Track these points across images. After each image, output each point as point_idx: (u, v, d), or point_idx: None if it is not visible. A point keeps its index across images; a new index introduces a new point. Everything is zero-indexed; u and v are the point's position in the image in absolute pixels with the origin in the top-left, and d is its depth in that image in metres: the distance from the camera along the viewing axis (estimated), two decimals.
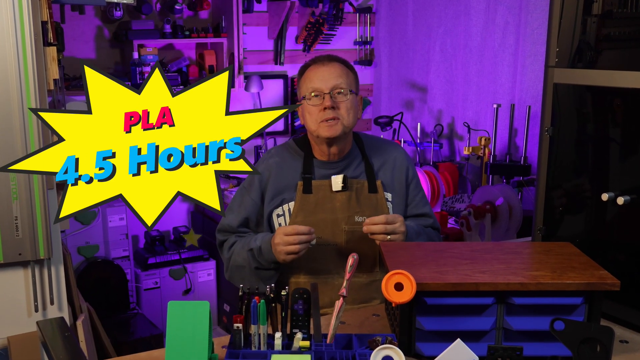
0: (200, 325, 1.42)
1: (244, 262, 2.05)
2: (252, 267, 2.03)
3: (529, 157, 3.59)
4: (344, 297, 1.55)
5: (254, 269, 2.04)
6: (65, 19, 3.02)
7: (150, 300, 4.14)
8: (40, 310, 2.27)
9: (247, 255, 2.03)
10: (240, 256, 2.06)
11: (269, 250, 1.97)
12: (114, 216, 3.90)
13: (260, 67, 4.67)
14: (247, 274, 2.06)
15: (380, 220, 1.95)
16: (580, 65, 1.99)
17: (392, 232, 1.95)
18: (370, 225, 1.96)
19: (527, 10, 3.65)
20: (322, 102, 2.00)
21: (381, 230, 1.95)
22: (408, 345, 1.57)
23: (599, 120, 1.97)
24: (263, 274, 2.04)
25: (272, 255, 1.97)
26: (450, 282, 1.52)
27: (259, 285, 1.94)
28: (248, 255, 2.03)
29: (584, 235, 2.01)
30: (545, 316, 1.51)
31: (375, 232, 1.95)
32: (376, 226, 1.95)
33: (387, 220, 1.95)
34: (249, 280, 2.04)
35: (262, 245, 1.99)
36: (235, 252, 2.07)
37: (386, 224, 1.95)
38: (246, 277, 2.06)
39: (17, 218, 2.11)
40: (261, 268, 2.03)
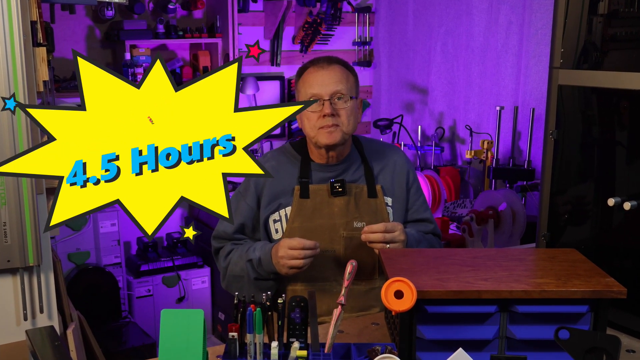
0: (195, 334, 1.40)
1: (242, 272, 2.03)
2: (251, 277, 2.02)
3: (533, 161, 3.59)
4: (342, 305, 1.53)
5: (252, 279, 2.02)
6: (55, 19, 3.00)
7: (143, 309, 4.11)
8: (29, 319, 2.25)
9: (246, 266, 2.01)
10: (237, 266, 2.04)
11: (269, 261, 1.96)
12: (105, 222, 3.87)
13: (256, 69, 4.65)
14: (245, 284, 2.04)
15: (379, 229, 1.93)
16: (585, 67, 1.98)
17: (391, 240, 1.93)
18: (368, 233, 1.94)
19: (530, 10, 3.63)
20: (322, 109, 1.97)
21: (380, 239, 1.92)
22: (408, 354, 1.55)
23: (605, 123, 1.96)
24: (262, 284, 2.02)
25: (272, 267, 1.95)
26: (452, 290, 1.50)
27: (256, 294, 1.91)
28: (247, 266, 2.01)
29: (589, 242, 2.00)
30: (549, 325, 1.49)
31: (374, 241, 1.93)
32: (375, 235, 1.93)
33: (386, 228, 1.93)
34: (247, 289, 2.03)
35: (262, 256, 1.98)
36: (233, 261, 2.05)
37: (385, 233, 1.93)
38: (244, 287, 2.04)
39: (5, 224, 2.10)
40: (260, 279, 2.01)
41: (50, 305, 2.29)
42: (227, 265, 2.07)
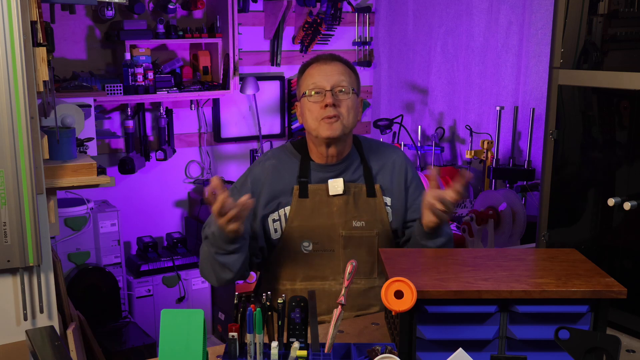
0: (195, 334, 1.39)
1: (206, 253, 1.98)
2: (212, 253, 1.95)
3: (533, 161, 3.58)
4: (342, 305, 1.52)
5: (214, 254, 1.95)
6: (55, 19, 2.98)
7: (143, 309, 4.10)
8: (29, 319, 2.24)
9: (206, 244, 1.97)
10: (202, 249, 2.01)
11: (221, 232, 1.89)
12: (105, 222, 3.86)
13: (256, 69, 4.64)
14: (212, 264, 1.98)
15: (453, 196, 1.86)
16: (585, 67, 1.98)
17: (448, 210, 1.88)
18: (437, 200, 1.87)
19: (531, 10, 3.63)
20: (323, 99, 1.98)
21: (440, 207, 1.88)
22: (408, 354, 1.55)
23: (605, 123, 1.96)
24: (225, 259, 1.95)
25: (225, 235, 1.88)
26: (452, 290, 1.50)
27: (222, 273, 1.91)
28: (206, 244, 1.97)
29: (589, 242, 2.00)
30: (549, 325, 1.49)
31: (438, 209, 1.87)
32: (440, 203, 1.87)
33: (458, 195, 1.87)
34: (216, 271, 1.97)
35: (215, 229, 1.91)
36: (201, 246, 2.03)
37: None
38: (213, 267, 1.98)
39: (5, 224, 2.09)
40: (221, 253, 1.94)
41: (50, 305, 2.28)
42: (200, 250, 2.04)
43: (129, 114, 4.16)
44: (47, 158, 2.20)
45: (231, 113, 4.60)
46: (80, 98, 3.42)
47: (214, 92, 4.25)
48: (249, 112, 4.65)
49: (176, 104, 4.38)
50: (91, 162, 2.41)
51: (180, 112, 4.43)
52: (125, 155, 4.11)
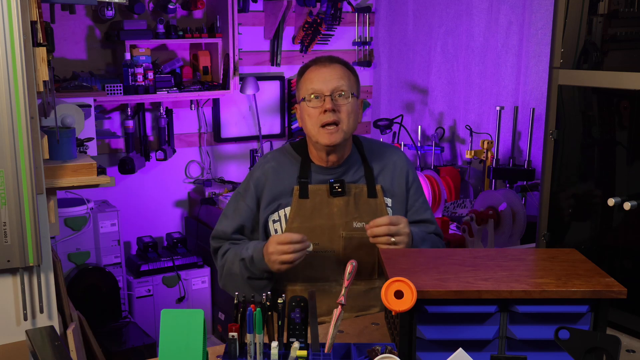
0: (195, 334, 1.39)
1: (237, 271, 2.02)
2: (245, 276, 2.01)
3: (533, 161, 3.57)
4: (342, 305, 1.52)
5: (246, 278, 2.01)
6: (55, 19, 2.98)
7: (143, 309, 4.10)
8: (29, 319, 2.24)
9: (239, 265, 2.00)
10: (233, 265, 2.03)
11: (261, 259, 1.94)
12: (105, 222, 3.86)
13: (256, 69, 4.64)
14: (240, 283, 2.03)
15: (384, 222, 1.90)
16: (585, 67, 1.98)
17: (396, 233, 1.90)
18: (373, 227, 1.91)
19: (531, 10, 3.62)
20: (323, 105, 1.97)
21: (385, 232, 1.89)
22: (408, 354, 1.54)
23: (605, 123, 1.95)
24: (256, 283, 2.01)
25: (265, 265, 1.94)
26: (452, 290, 1.50)
27: (254, 294, 1.91)
28: (240, 265, 2.00)
29: (589, 242, 1.99)
30: (549, 325, 1.49)
31: (379, 235, 1.90)
32: (379, 228, 1.90)
33: (390, 221, 1.91)
34: (242, 289, 2.02)
35: (254, 254, 1.96)
36: (229, 260, 2.04)
37: (390, 225, 1.90)
38: (239, 286, 2.03)
39: (5, 224, 2.08)
40: (254, 277, 2.00)
41: (50, 305, 2.28)
42: (223, 264, 2.06)
43: (129, 114, 4.16)
44: (47, 158, 2.20)
45: (231, 113, 4.59)
46: (80, 98, 3.42)
47: (214, 92, 4.25)
48: (249, 112, 4.65)
49: (176, 104, 4.37)
50: (91, 162, 2.41)
51: (180, 112, 4.42)
52: (125, 155, 4.10)
